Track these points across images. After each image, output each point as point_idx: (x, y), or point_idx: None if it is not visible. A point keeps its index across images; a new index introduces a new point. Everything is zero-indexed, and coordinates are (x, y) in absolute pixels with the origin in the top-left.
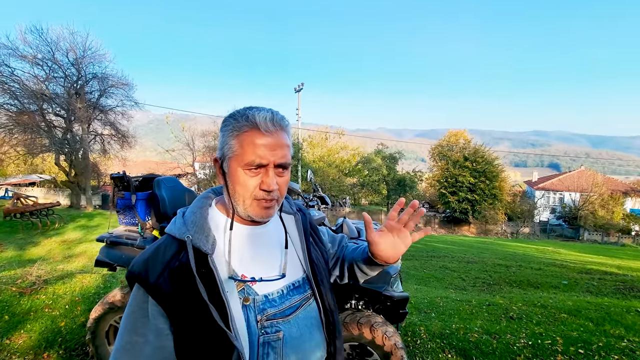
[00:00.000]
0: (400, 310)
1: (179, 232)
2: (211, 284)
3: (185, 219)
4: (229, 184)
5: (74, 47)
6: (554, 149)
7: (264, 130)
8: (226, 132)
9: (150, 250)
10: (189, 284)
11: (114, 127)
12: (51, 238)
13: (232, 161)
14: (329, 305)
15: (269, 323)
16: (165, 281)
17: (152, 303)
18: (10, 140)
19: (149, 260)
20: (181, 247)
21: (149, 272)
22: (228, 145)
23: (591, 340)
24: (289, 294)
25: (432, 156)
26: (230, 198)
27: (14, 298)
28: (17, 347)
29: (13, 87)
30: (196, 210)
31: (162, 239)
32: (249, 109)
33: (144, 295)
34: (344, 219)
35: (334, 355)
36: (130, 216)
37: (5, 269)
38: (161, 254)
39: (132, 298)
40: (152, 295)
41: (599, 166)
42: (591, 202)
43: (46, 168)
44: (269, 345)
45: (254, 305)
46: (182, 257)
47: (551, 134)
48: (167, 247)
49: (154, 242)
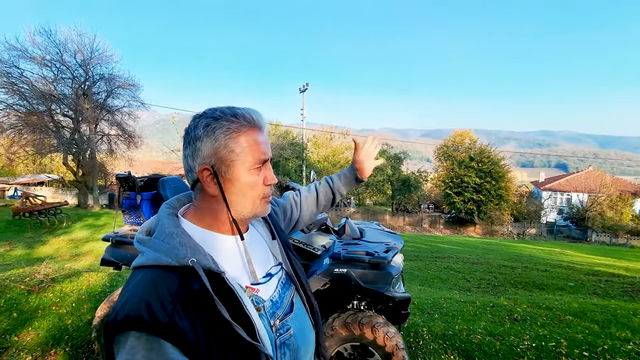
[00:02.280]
0: (402, 311)
1: (174, 258)
2: (230, 302)
3: (168, 242)
4: (232, 191)
5: (82, 49)
6: (561, 149)
7: (261, 126)
8: (220, 135)
9: (142, 288)
10: (205, 312)
11: (120, 128)
12: (59, 237)
13: (235, 165)
14: (308, 290)
15: (280, 324)
16: (181, 317)
17: (169, 347)
18: (19, 141)
19: (150, 298)
20: (184, 274)
21: (155, 312)
22: (227, 149)
23: (596, 343)
24: (283, 291)
25: (437, 156)
26: (230, 206)
27: (22, 296)
28: (25, 344)
29: (22, 88)
30: (174, 231)
31: (148, 274)
32: (233, 108)
33: (152, 343)
34: (346, 219)
35: (319, 334)
36: (135, 216)
37: (14, 267)
38: (164, 288)
39: (127, 354)
40: (166, 338)
41: (607, 166)
42: (599, 203)
43: (54, 168)
44: (284, 344)
45: (265, 312)
46: (194, 285)
47: (558, 134)
48: (166, 278)
49: (133, 283)
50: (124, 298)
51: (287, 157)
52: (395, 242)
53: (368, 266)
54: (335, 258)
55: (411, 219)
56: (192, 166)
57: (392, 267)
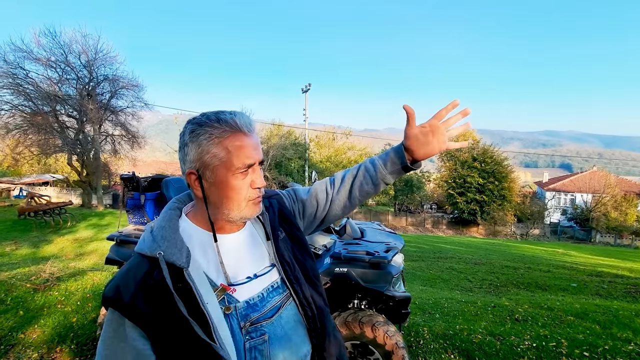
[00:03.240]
0: (402, 310)
1: (149, 248)
2: (189, 298)
3: (154, 235)
4: (216, 194)
5: (86, 50)
6: (565, 149)
7: (247, 131)
8: (202, 140)
9: (122, 272)
10: (166, 301)
11: (124, 128)
12: (64, 236)
13: (218, 169)
14: (305, 299)
15: (253, 327)
16: (141, 300)
17: (130, 325)
18: (24, 141)
19: (120, 282)
20: (153, 264)
21: (121, 294)
22: (210, 154)
23: (597, 343)
24: (269, 296)
25: (440, 156)
26: (216, 208)
27: (29, 294)
28: (32, 341)
29: (27, 89)
30: (164, 224)
31: (132, 259)
32: (219, 114)
33: (120, 319)
34: (347, 220)
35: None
36: (139, 215)
37: (20, 266)
38: (132, 274)
39: (106, 324)
40: (128, 316)
41: (612, 167)
42: (603, 203)
43: (59, 168)
44: (255, 349)
45: (236, 313)
46: (156, 274)
47: (563, 134)
48: (139, 265)
49: (123, 266)
50: (114, 277)
51: (289, 157)
52: (395, 242)
53: (368, 266)
54: (335, 257)
55: (414, 219)
56: (183, 169)
57: (392, 266)
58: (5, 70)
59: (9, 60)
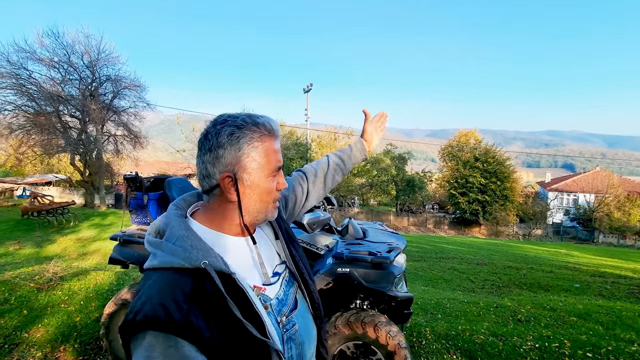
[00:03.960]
0: (405, 310)
1: (187, 260)
2: (242, 302)
3: (180, 245)
4: (250, 197)
5: (89, 50)
6: (568, 149)
7: (278, 135)
8: (243, 144)
9: (157, 290)
10: (219, 311)
11: (126, 128)
12: (67, 236)
13: (256, 172)
14: (309, 289)
15: (287, 320)
16: (196, 317)
17: (185, 344)
18: (28, 141)
19: (165, 300)
20: (197, 276)
21: (171, 313)
22: (251, 157)
23: (600, 344)
24: (287, 288)
25: (442, 156)
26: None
27: (32, 293)
28: (35, 340)
29: (31, 90)
30: (184, 233)
31: (162, 275)
32: (252, 117)
33: (168, 340)
34: (349, 220)
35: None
36: (142, 216)
37: (23, 265)
38: (178, 290)
39: (145, 350)
40: (182, 336)
41: (615, 167)
42: (606, 203)
43: (62, 168)
44: (290, 339)
45: (272, 310)
46: (208, 286)
47: (565, 134)
48: (180, 280)
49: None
50: (142, 299)
51: (291, 157)
52: (397, 242)
53: (370, 266)
54: (338, 258)
55: (415, 219)
56: (212, 172)
57: (395, 266)
58: (8, 70)
59: (13, 60)
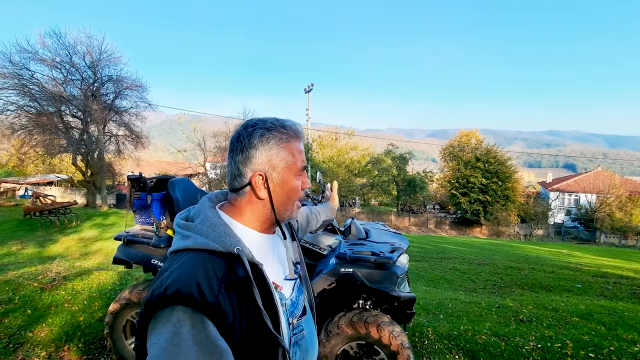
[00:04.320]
0: (407, 310)
1: (221, 244)
2: (264, 294)
3: (214, 230)
4: (279, 195)
5: (91, 51)
6: (569, 149)
7: (302, 137)
8: (273, 145)
9: (190, 267)
10: (244, 298)
11: (128, 128)
12: (69, 236)
13: (284, 171)
14: (310, 295)
15: (297, 323)
16: (224, 299)
17: (210, 325)
18: (30, 141)
19: (199, 279)
20: (230, 260)
21: (204, 291)
22: (280, 157)
23: (602, 345)
24: (298, 294)
25: (443, 156)
26: (276, 209)
27: (36, 293)
28: (40, 340)
29: (33, 90)
30: (218, 221)
31: (196, 256)
32: (279, 120)
33: (196, 319)
34: (352, 220)
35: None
36: (145, 216)
37: (26, 265)
38: (211, 271)
39: (172, 325)
40: (209, 317)
41: (616, 167)
42: (608, 204)
43: (63, 168)
44: (297, 344)
45: (286, 310)
46: (239, 271)
47: (567, 134)
48: (214, 262)
49: (174, 263)
50: (173, 275)
51: None
52: (400, 243)
53: (374, 266)
54: (341, 258)
55: (416, 219)
56: (244, 172)
57: (398, 267)
58: (11, 71)
59: (15, 61)
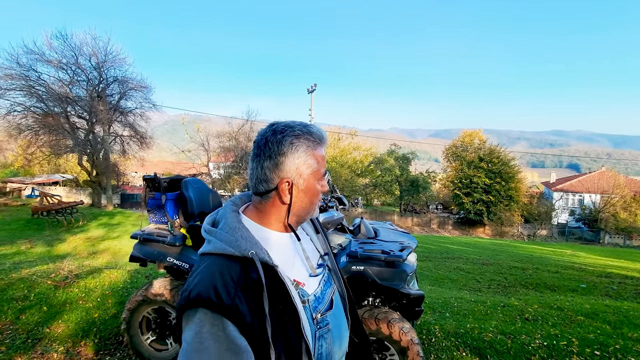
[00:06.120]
0: (416, 307)
1: (237, 249)
2: (282, 294)
3: (232, 235)
4: (303, 200)
5: (96, 52)
6: (573, 149)
7: (326, 143)
8: (302, 152)
9: (210, 273)
10: (260, 299)
11: (133, 129)
12: (76, 235)
13: (309, 177)
14: (342, 288)
15: (321, 318)
16: (241, 301)
17: (229, 325)
18: (36, 142)
19: (217, 282)
20: (244, 264)
21: (221, 295)
22: (307, 164)
23: (608, 343)
24: (325, 288)
25: (446, 156)
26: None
27: (50, 290)
28: (57, 336)
29: (39, 91)
30: (237, 225)
31: (214, 260)
32: (306, 126)
33: (216, 320)
34: (361, 219)
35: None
36: (160, 215)
37: (38, 263)
38: (227, 275)
39: (195, 325)
40: (228, 317)
41: (621, 167)
42: (612, 204)
43: (69, 168)
44: (322, 337)
45: (309, 305)
46: (253, 274)
47: (570, 134)
48: (230, 266)
49: (199, 267)
50: (196, 279)
51: None
52: (409, 241)
53: (384, 264)
54: (352, 256)
55: (419, 219)
56: (271, 177)
57: (407, 265)
58: (18, 72)
59: (22, 62)
